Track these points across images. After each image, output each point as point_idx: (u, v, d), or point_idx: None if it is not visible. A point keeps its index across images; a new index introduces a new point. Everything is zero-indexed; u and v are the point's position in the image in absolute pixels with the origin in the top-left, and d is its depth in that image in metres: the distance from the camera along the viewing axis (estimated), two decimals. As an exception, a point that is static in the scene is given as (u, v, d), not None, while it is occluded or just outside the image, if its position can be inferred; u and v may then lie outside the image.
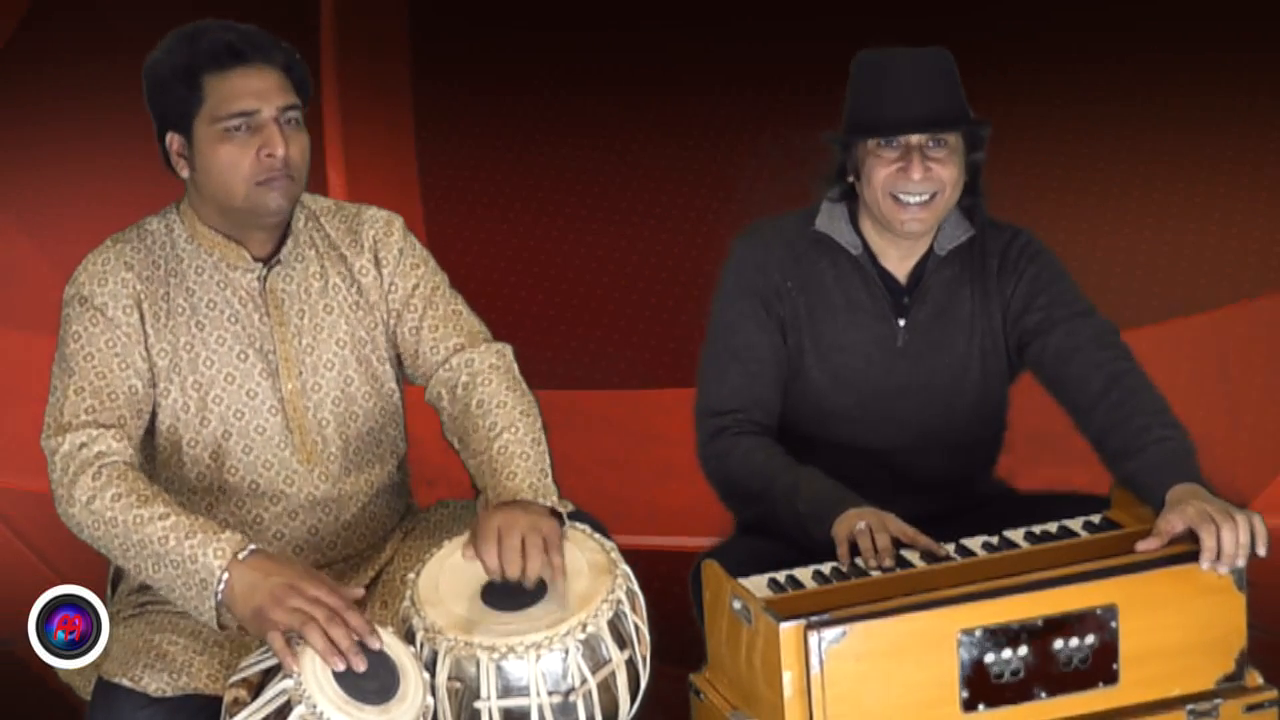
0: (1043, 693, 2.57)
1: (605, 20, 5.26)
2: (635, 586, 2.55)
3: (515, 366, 2.82)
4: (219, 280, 2.78)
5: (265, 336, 2.79)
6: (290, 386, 2.78)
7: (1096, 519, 2.84)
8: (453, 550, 2.58)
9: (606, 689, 2.47)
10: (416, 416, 2.96)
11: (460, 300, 2.89)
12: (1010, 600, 2.55)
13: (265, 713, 2.36)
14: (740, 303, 3.03)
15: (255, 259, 2.79)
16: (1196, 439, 2.81)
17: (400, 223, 2.89)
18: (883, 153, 2.92)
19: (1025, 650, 2.55)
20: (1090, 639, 2.57)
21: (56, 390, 2.68)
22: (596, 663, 2.46)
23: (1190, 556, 2.60)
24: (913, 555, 2.73)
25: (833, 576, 2.71)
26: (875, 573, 2.68)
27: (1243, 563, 2.60)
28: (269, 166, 2.68)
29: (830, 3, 5.18)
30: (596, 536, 2.61)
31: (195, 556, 2.46)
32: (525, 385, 2.79)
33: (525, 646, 2.42)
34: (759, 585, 2.67)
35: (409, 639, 2.48)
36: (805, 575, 2.72)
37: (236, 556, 2.45)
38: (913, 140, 2.90)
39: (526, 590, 2.49)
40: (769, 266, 3.03)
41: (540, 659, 2.42)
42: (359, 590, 2.53)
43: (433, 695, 2.43)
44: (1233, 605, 2.63)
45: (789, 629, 2.49)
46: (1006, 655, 2.54)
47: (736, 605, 2.61)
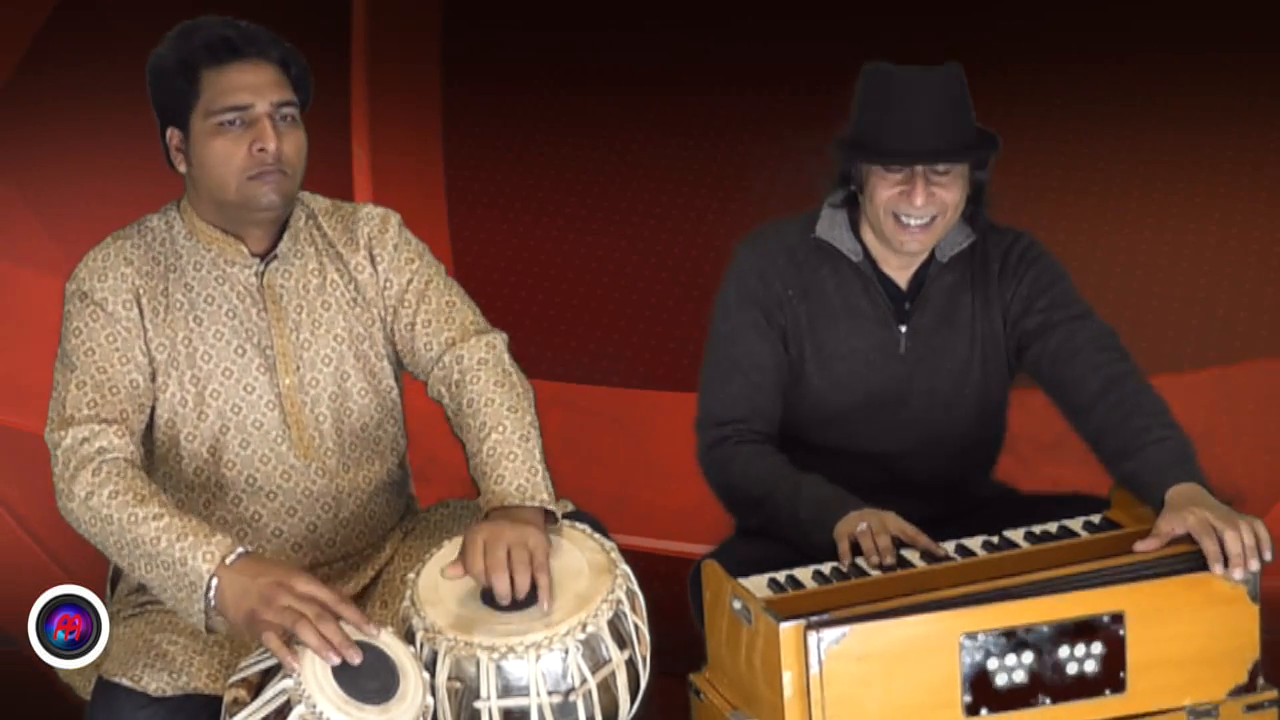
0: (1047, 699, 2.55)
1: (605, 20, 5.25)
2: (635, 586, 2.55)
3: (506, 358, 2.78)
4: (217, 276, 2.78)
5: (263, 331, 2.78)
6: (288, 381, 2.78)
7: (1096, 519, 2.84)
8: (453, 550, 2.57)
9: (606, 689, 2.46)
10: (416, 418, 2.95)
11: (456, 290, 2.87)
12: (1016, 605, 2.54)
13: (265, 713, 2.36)
14: (742, 312, 3.03)
15: (253, 254, 2.79)
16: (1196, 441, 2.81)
17: (396, 219, 2.88)
18: (887, 174, 2.91)
19: (1030, 656, 2.53)
20: (1098, 646, 2.55)
21: (59, 385, 2.68)
22: (596, 663, 2.46)
23: (1198, 562, 2.58)
24: (913, 555, 2.73)
25: (833, 577, 2.71)
26: (875, 572, 2.68)
27: (1256, 567, 2.58)
28: (260, 161, 2.68)
29: (830, 3, 5.17)
30: (596, 536, 2.61)
31: (185, 560, 2.46)
32: (517, 376, 2.76)
33: (525, 646, 2.42)
34: (759, 585, 2.67)
35: (409, 639, 2.47)
36: (805, 575, 2.72)
37: (224, 561, 2.45)
38: (918, 166, 2.90)
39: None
40: (770, 275, 3.02)
41: (540, 659, 2.42)
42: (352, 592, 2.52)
43: (433, 695, 2.43)
44: (1246, 616, 2.60)
45: (789, 629, 2.49)
46: (1010, 660, 2.53)
47: (736, 605, 2.61)
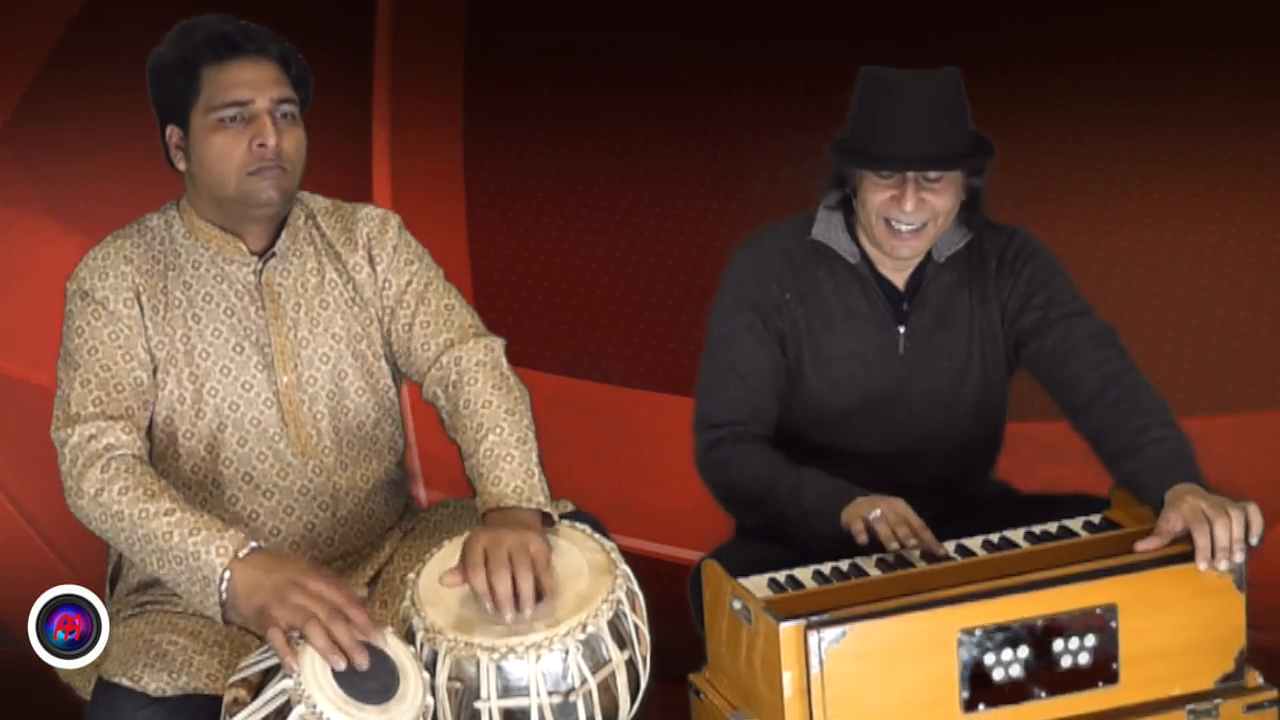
0: (1043, 693, 2.58)
1: (605, 20, 5.25)
2: (635, 586, 2.55)
3: (504, 362, 2.80)
4: (215, 274, 2.78)
5: (261, 329, 2.79)
6: (285, 379, 2.78)
7: (1096, 519, 2.84)
8: (453, 550, 2.57)
9: (606, 689, 2.47)
10: (416, 419, 2.95)
11: (454, 294, 2.88)
12: (1010, 600, 2.55)
13: (265, 713, 2.36)
14: (739, 315, 3.03)
15: (252, 252, 2.80)
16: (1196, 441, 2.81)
17: (396, 220, 2.89)
18: (878, 179, 2.92)
19: (1025, 650, 2.55)
20: (1090, 639, 2.57)
21: (63, 384, 2.69)
22: (596, 663, 2.46)
23: (1190, 557, 2.60)
24: (913, 555, 2.74)
25: (833, 576, 2.71)
26: (875, 571, 2.69)
27: (1240, 558, 2.60)
28: (260, 156, 2.69)
29: (830, 3, 5.16)
30: (596, 536, 2.61)
31: (198, 554, 2.46)
32: (514, 380, 2.77)
33: (525, 646, 2.42)
34: (759, 585, 2.68)
35: (409, 639, 2.48)
36: (805, 575, 2.72)
37: (238, 555, 2.46)
38: (909, 173, 2.90)
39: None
40: (768, 279, 3.03)
41: (540, 659, 2.42)
42: (361, 590, 2.53)
43: (433, 695, 2.43)
44: (1232, 605, 2.63)
45: (789, 629, 2.49)
46: (1007, 655, 2.55)
47: (736, 605, 2.61)
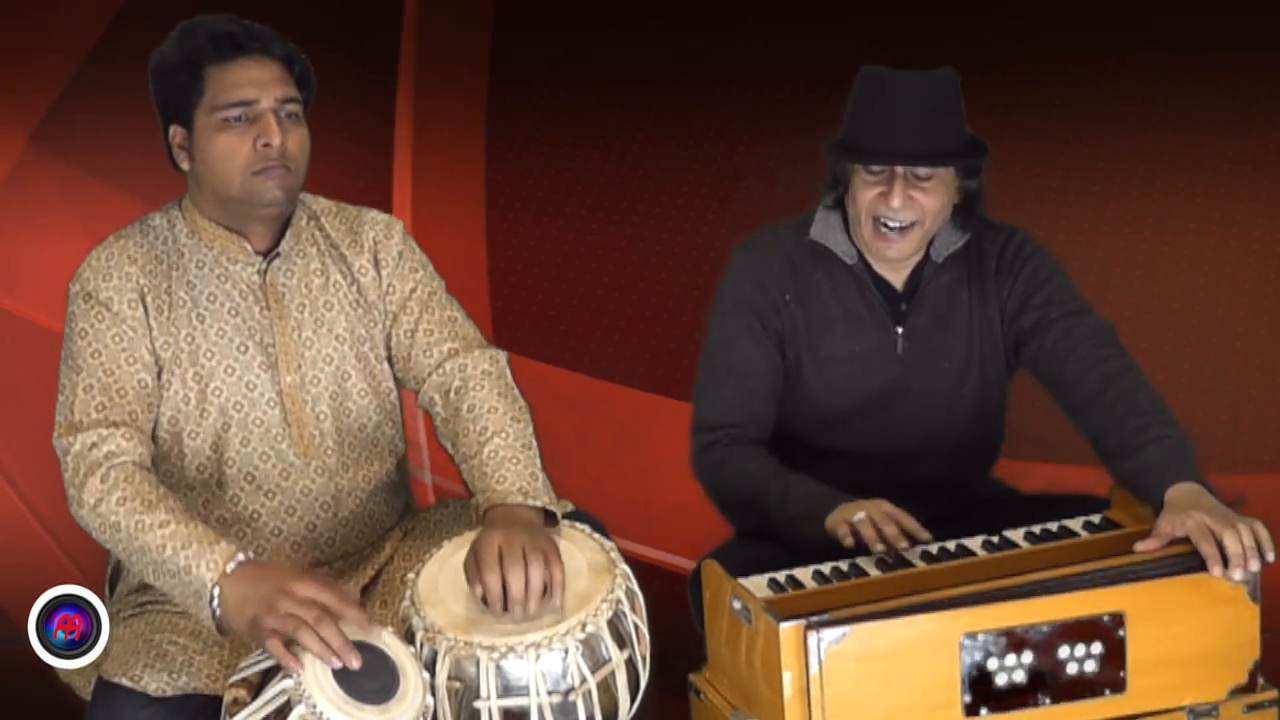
0: (1047, 699, 2.55)
1: (605, 20, 5.25)
2: (635, 586, 2.55)
3: (509, 373, 2.82)
4: (219, 273, 2.78)
5: (265, 329, 2.79)
6: (289, 379, 2.78)
7: (1096, 519, 2.84)
8: (453, 550, 2.58)
9: (606, 689, 2.46)
10: (415, 419, 2.95)
11: (457, 306, 2.90)
12: (1016, 605, 2.54)
13: (265, 713, 2.36)
14: (737, 318, 3.03)
15: (256, 252, 2.80)
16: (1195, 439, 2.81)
17: (400, 226, 2.90)
18: (868, 176, 2.92)
19: (1030, 656, 2.53)
20: (1097, 646, 2.55)
21: (65, 388, 2.68)
22: (596, 662, 2.46)
23: (1198, 562, 2.58)
24: (913, 555, 2.73)
25: (833, 576, 2.71)
26: (875, 571, 2.68)
27: (1256, 567, 2.57)
28: (265, 156, 2.69)
29: (830, 3, 5.16)
30: (596, 536, 2.61)
31: (189, 569, 2.46)
32: (518, 391, 2.79)
33: (525, 646, 2.42)
34: (759, 585, 2.67)
35: (409, 639, 2.48)
36: (805, 575, 2.72)
37: (226, 570, 2.45)
38: (898, 169, 2.90)
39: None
40: (766, 281, 3.03)
41: (540, 658, 2.42)
42: (354, 592, 2.52)
43: (433, 695, 2.43)
44: (1246, 616, 2.60)
45: (789, 629, 2.49)
46: (1010, 660, 2.53)
47: (736, 605, 2.61)
